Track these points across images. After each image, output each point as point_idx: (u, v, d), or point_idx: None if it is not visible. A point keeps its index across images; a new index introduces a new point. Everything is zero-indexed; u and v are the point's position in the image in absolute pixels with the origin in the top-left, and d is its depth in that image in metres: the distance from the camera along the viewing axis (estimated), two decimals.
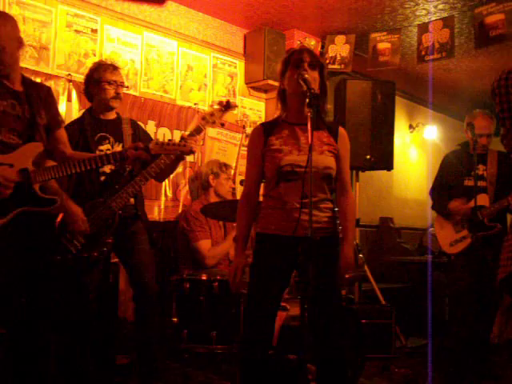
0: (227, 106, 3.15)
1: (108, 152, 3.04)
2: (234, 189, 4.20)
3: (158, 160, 2.99)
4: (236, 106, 3.35)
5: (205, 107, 4.93)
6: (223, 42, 5.16)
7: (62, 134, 2.74)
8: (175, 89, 4.78)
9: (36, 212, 2.47)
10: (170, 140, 2.87)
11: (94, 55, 4.22)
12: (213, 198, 3.96)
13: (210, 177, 4.00)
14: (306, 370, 2.64)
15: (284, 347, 2.96)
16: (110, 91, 3.15)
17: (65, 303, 3.00)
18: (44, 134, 2.59)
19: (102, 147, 3.12)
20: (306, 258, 2.26)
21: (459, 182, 3.66)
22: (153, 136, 3.75)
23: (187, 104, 4.81)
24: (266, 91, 5.45)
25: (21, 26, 3.67)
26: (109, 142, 3.15)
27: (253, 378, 2.46)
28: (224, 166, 4.05)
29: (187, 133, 3.15)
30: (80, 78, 4.08)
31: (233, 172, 4.65)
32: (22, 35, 2.63)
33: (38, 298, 2.54)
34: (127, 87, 3.45)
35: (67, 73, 4.01)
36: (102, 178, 3.08)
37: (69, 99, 3.97)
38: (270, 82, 5.10)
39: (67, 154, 2.71)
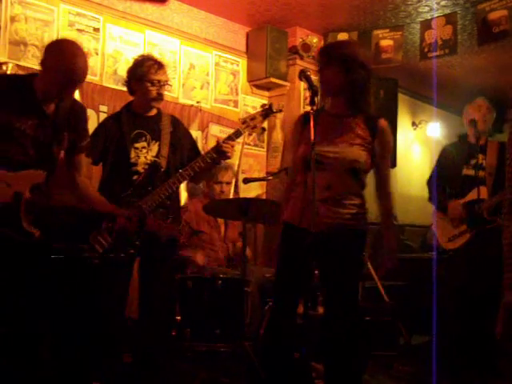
0: (269, 111, 2.98)
1: (143, 150, 2.94)
2: (236, 186, 4.16)
3: (193, 163, 2.89)
4: (280, 111, 3.17)
5: (207, 105, 4.94)
6: (225, 40, 5.15)
7: (80, 159, 2.65)
8: (177, 87, 4.78)
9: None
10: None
11: (97, 54, 4.23)
12: (206, 199, 3.96)
13: None
14: (309, 368, 2.65)
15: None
16: (153, 92, 2.94)
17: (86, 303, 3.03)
18: (58, 158, 2.52)
19: (137, 144, 2.95)
20: (317, 253, 2.27)
21: (457, 172, 3.57)
22: None
23: (189, 102, 4.80)
24: (268, 89, 5.43)
25: (23, 25, 3.71)
26: (145, 140, 2.96)
27: (274, 368, 2.50)
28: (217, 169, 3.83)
29: (225, 136, 2.99)
30: None
31: (235, 170, 4.63)
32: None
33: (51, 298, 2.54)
34: (171, 85, 3.33)
35: None
36: (135, 177, 2.91)
37: None
38: (273, 79, 5.10)
39: (76, 182, 2.65)
